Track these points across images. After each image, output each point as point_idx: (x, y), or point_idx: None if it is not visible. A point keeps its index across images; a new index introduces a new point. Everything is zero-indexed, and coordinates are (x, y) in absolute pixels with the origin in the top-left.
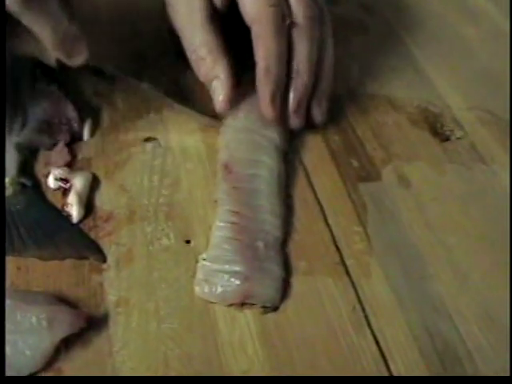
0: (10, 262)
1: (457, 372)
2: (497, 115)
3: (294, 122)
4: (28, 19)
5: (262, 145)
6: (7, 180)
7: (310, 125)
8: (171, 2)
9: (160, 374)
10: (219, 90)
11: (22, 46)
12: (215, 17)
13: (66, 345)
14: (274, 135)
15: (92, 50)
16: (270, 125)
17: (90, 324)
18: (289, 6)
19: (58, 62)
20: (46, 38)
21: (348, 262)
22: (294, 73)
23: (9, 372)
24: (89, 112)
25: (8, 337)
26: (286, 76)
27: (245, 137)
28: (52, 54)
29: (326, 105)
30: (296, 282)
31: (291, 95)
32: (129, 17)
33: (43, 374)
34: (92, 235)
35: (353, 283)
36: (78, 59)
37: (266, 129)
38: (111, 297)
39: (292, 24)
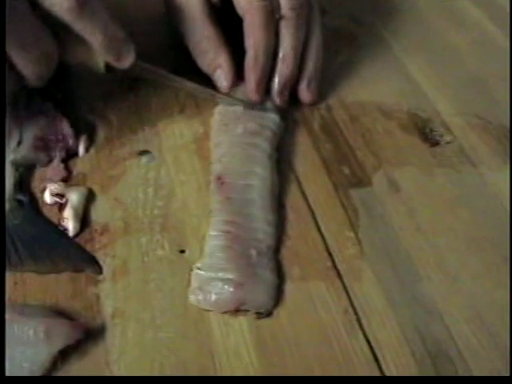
0: (7, 276)
1: (449, 373)
2: (485, 119)
3: (279, 102)
4: (80, 26)
5: (255, 156)
6: None
7: (300, 103)
8: (172, 4)
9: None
10: (222, 79)
11: (71, 54)
12: (212, 11)
13: (63, 356)
14: (265, 144)
15: None
16: (262, 130)
17: (87, 335)
18: (278, 0)
19: (107, 65)
20: (96, 42)
21: (340, 267)
22: (280, 59)
23: None
24: (84, 128)
25: (6, 350)
26: (273, 61)
27: (238, 151)
28: (101, 58)
29: (315, 85)
30: (289, 287)
31: (276, 80)
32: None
33: None
34: (88, 248)
35: (345, 287)
36: (127, 61)
37: (257, 137)
38: (107, 308)
39: (280, 17)
